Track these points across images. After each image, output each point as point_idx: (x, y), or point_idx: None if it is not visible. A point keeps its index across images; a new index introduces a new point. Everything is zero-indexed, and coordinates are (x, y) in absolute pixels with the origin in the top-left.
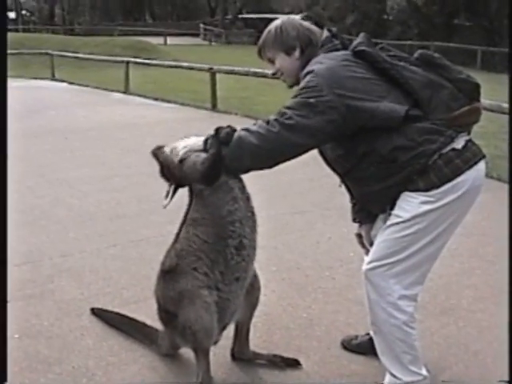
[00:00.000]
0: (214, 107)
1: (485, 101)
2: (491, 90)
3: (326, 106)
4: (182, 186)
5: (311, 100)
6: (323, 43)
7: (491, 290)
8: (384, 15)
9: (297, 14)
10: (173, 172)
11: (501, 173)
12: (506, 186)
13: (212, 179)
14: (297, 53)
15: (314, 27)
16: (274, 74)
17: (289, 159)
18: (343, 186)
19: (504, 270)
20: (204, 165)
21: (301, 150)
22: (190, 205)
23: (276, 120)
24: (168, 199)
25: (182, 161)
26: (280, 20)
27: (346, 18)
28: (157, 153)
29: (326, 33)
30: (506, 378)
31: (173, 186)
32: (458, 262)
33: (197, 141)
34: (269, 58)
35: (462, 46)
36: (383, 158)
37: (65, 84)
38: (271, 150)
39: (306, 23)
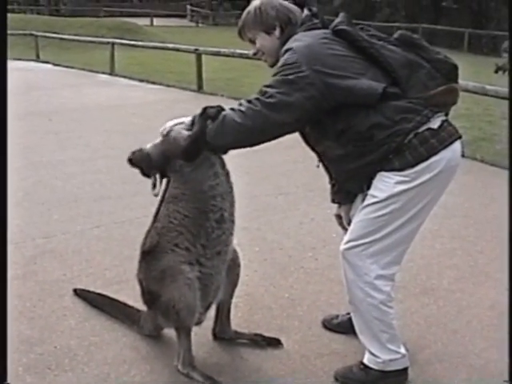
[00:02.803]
0: (199, 89)
1: (469, 83)
2: (476, 72)
3: (305, 83)
4: (165, 174)
5: (290, 77)
6: (303, 22)
7: (471, 270)
8: None
9: None
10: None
11: (484, 155)
12: (490, 168)
13: (193, 156)
14: (277, 32)
15: (293, 6)
16: (255, 54)
17: (271, 138)
18: (321, 166)
19: (485, 250)
20: (186, 141)
21: (282, 129)
22: (168, 183)
23: (257, 99)
24: (157, 187)
25: (167, 134)
26: (259, 0)
27: (334, 0)
28: (135, 156)
29: (306, 12)
30: (484, 354)
31: (157, 175)
32: (440, 243)
33: (185, 120)
34: (249, 39)
35: (449, 28)
36: (360, 135)
37: (49, 65)
38: (252, 128)
39: (285, 2)
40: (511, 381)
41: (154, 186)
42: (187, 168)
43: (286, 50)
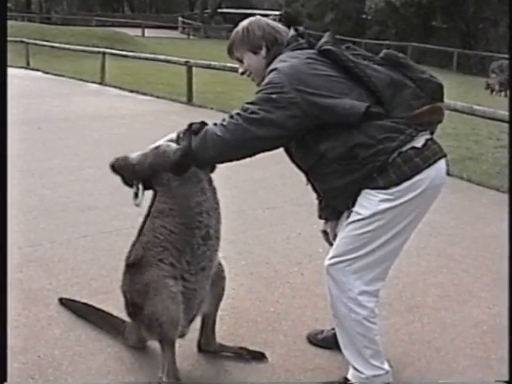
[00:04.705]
0: (189, 101)
1: (457, 103)
2: (465, 92)
3: (288, 102)
4: (149, 186)
5: (273, 96)
6: (289, 42)
7: (456, 288)
8: (363, 15)
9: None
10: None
11: (470, 174)
12: (476, 187)
13: (183, 169)
14: (263, 52)
15: (280, 26)
16: (242, 74)
17: (251, 153)
18: (309, 184)
19: (470, 268)
20: (176, 154)
21: (262, 143)
22: (154, 197)
23: (238, 114)
24: (139, 197)
25: (156, 147)
26: (247, 21)
27: (324, 16)
28: (118, 162)
29: (292, 32)
30: (468, 372)
31: (140, 186)
32: (425, 261)
33: (170, 137)
34: (237, 58)
35: (438, 47)
36: (344, 154)
37: (40, 73)
38: (232, 142)
39: (273, 23)
40: (511, 381)
41: (136, 195)
42: (175, 182)
43: (271, 70)
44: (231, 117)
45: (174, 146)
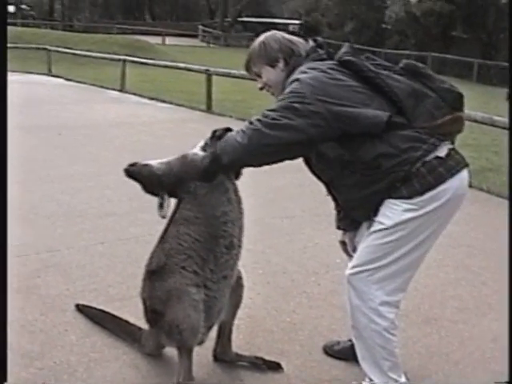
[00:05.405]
0: (208, 109)
1: (477, 113)
2: (485, 103)
3: (310, 111)
4: (173, 194)
5: (295, 104)
6: (308, 53)
7: (475, 301)
8: (382, 24)
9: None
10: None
11: (490, 185)
12: (496, 199)
13: (212, 176)
14: (281, 64)
15: (296, 38)
16: (261, 89)
17: (270, 160)
18: (330, 195)
19: (489, 281)
20: (204, 161)
21: (282, 150)
22: (178, 204)
23: (258, 120)
24: (165, 208)
25: (182, 156)
26: (263, 36)
27: (344, 26)
28: (136, 169)
29: (311, 43)
30: None
31: (165, 196)
32: (444, 273)
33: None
34: (255, 73)
35: (458, 57)
36: (367, 164)
37: (61, 80)
38: (251, 147)
39: (289, 36)
40: (511, 381)
41: (161, 206)
42: (202, 190)
43: (292, 81)
44: (251, 123)
45: (200, 153)
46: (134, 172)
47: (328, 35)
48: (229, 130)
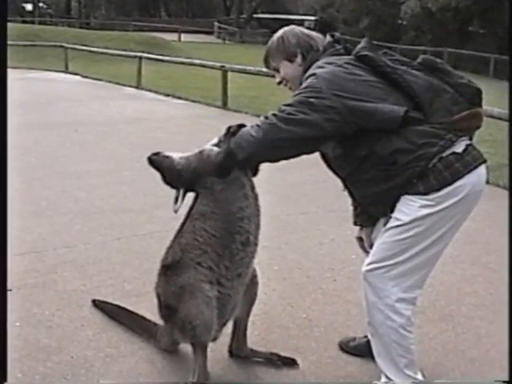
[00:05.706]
0: (224, 105)
1: (494, 109)
2: (502, 98)
3: (326, 106)
4: (191, 189)
5: (311, 99)
6: (325, 48)
7: (491, 297)
8: (398, 20)
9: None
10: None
11: (507, 181)
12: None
13: (226, 171)
14: (298, 59)
15: (314, 33)
16: (279, 83)
17: (286, 155)
18: (346, 190)
19: (506, 278)
20: (218, 156)
21: (297, 145)
22: (195, 199)
23: (274, 114)
24: (179, 203)
25: (200, 152)
26: (282, 30)
27: (360, 22)
28: (159, 159)
29: (328, 38)
30: None
31: (182, 191)
32: (460, 269)
33: (212, 142)
34: (274, 67)
35: (475, 53)
36: (383, 160)
37: (78, 77)
38: (266, 141)
39: (307, 31)
40: (511, 381)
41: (176, 200)
42: (218, 186)
43: (309, 76)
44: (266, 117)
45: (216, 149)
46: (156, 161)
47: (343, 31)
48: (243, 126)
